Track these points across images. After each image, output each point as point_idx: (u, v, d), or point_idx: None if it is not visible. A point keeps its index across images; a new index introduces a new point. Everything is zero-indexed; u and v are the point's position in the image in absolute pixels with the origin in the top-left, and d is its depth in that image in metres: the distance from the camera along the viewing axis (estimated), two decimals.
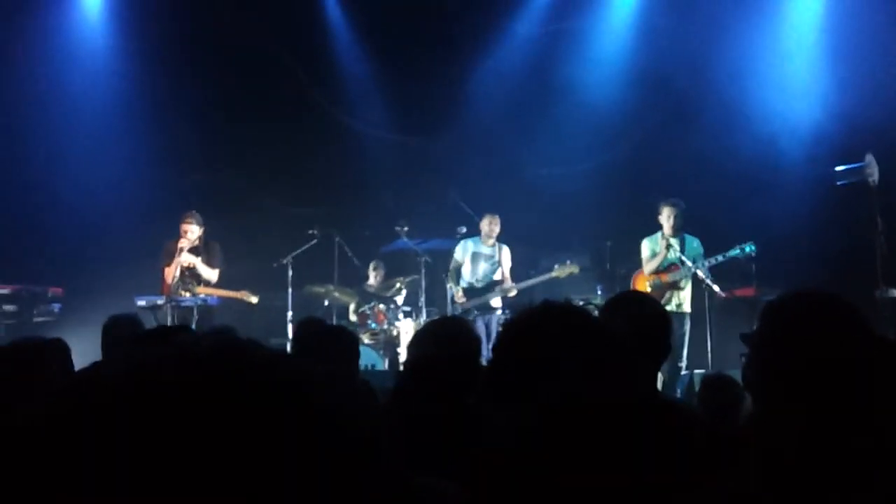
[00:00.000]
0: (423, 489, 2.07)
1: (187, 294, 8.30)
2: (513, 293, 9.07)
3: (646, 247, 8.42)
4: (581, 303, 7.26)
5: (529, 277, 9.23)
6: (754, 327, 3.18)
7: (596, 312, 1.69)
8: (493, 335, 8.47)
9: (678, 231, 8.24)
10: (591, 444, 1.54)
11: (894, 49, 8.82)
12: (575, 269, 8.89)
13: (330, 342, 3.73)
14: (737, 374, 4.01)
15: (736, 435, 2.68)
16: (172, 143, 10.18)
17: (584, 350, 1.62)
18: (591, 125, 10.18)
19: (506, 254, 9.26)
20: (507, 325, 1.76)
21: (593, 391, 1.57)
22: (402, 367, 6.71)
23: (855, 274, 7.53)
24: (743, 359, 3.57)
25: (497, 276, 9.17)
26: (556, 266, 8.94)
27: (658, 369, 2.86)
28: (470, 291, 9.16)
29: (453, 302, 9.21)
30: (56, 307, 8.95)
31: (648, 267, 8.29)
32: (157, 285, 8.48)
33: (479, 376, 2.82)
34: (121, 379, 0.68)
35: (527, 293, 9.06)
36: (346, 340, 3.74)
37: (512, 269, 9.25)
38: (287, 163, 10.57)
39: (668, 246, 8.17)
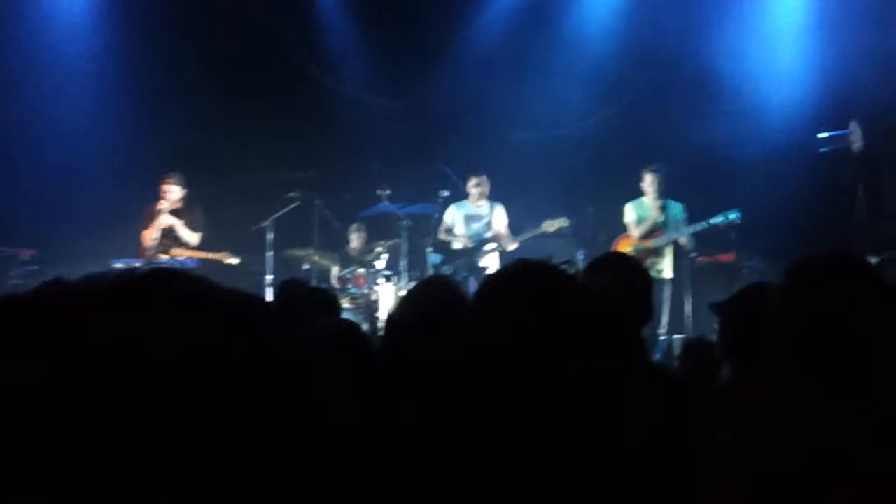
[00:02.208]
0: None
1: (164, 256, 8.21)
2: (512, 246, 9.03)
3: (630, 211, 8.41)
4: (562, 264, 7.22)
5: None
6: (730, 296, 3.17)
7: (574, 272, 1.66)
8: None
9: (661, 196, 8.24)
10: (563, 400, 1.51)
11: (880, 15, 8.79)
12: (565, 223, 8.84)
13: (311, 303, 3.70)
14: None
15: (719, 397, 2.68)
16: (151, 105, 10.02)
17: (559, 307, 1.59)
18: (575, 91, 10.11)
19: (499, 213, 9.23)
20: (483, 284, 1.72)
21: (568, 349, 1.54)
22: (381, 332, 6.68)
23: (835, 241, 7.55)
24: (716, 326, 3.56)
25: (488, 236, 9.17)
26: (545, 221, 8.90)
27: (641, 331, 2.84)
28: (461, 252, 9.15)
29: (435, 266, 9.18)
30: (33, 269, 8.84)
31: (639, 231, 8.28)
32: (136, 248, 8.40)
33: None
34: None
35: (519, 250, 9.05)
36: (326, 301, 3.71)
37: (508, 227, 9.22)
38: (268, 125, 10.44)
39: (662, 208, 8.17)
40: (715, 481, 1.66)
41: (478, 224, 9.20)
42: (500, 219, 9.23)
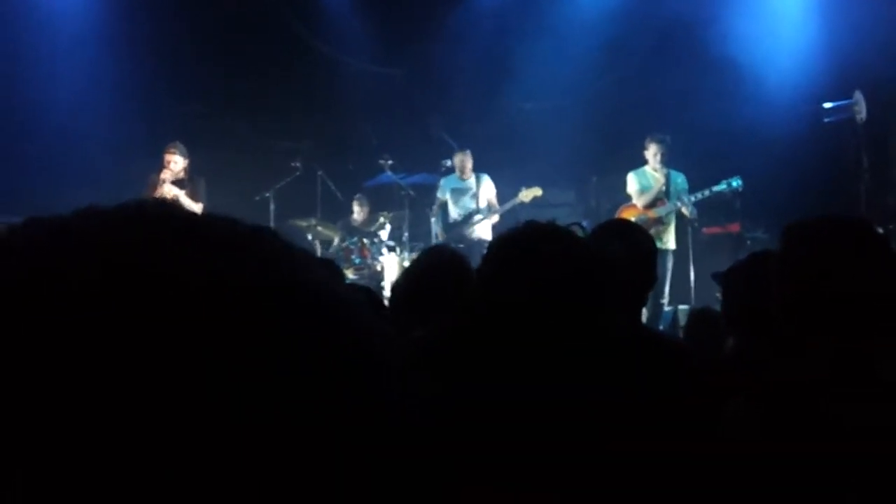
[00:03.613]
0: None
1: None
2: (495, 218, 9.10)
3: (632, 180, 8.38)
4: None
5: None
6: (731, 265, 3.15)
7: (580, 234, 1.66)
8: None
9: (664, 166, 8.23)
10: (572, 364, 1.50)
11: None
12: (538, 192, 8.96)
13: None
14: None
15: (725, 366, 2.68)
16: (153, 77, 9.98)
17: (569, 269, 1.58)
18: (578, 60, 10.04)
19: (486, 184, 9.25)
20: (493, 245, 1.72)
21: (574, 311, 1.53)
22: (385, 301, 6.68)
23: (841, 211, 7.53)
24: (719, 297, 3.55)
25: (475, 207, 9.21)
26: (522, 189, 8.95)
27: (645, 299, 2.83)
28: (451, 226, 9.21)
29: (437, 238, 9.22)
30: None
31: (642, 200, 8.25)
32: None
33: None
34: None
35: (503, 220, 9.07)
36: (332, 272, 3.70)
37: (498, 196, 9.25)
38: (270, 95, 10.40)
39: (666, 177, 8.16)
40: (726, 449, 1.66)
41: (465, 197, 9.24)
42: (488, 189, 9.25)
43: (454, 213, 9.26)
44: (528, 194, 8.94)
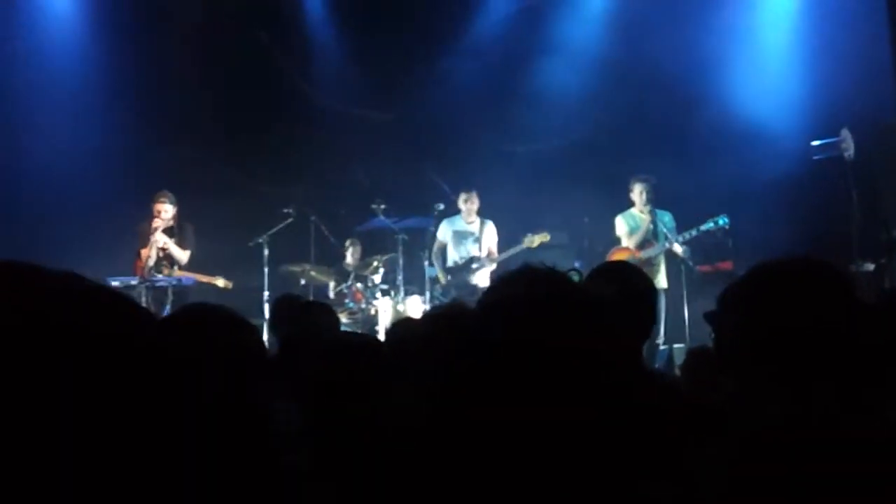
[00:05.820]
0: None
1: (161, 274, 8.23)
2: (492, 266, 9.07)
3: (621, 223, 8.42)
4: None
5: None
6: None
7: (576, 279, 1.66)
8: None
9: (650, 206, 8.26)
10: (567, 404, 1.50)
11: (871, 23, 8.83)
12: (546, 237, 8.89)
13: (307, 317, 3.69)
14: None
15: (719, 406, 2.66)
16: (145, 124, 10.02)
17: (566, 314, 1.57)
18: (569, 102, 10.11)
19: (489, 230, 9.23)
20: (488, 290, 1.71)
21: (573, 356, 1.53)
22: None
23: (831, 248, 7.56)
24: (712, 336, 3.54)
25: (477, 254, 9.17)
26: (527, 235, 8.93)
27: (643, 342, 2.82)
28: (451, 271, 9.17)
29: (434, 282, 9.19)
30: None
31: (632, 241, 8.29)
32: (131, 266, 8.40)
33: None
34: None
35: (505, 267, 9.04)
36: (323, 314, 3.69)
37: (498, 245, 9.23)
38: (262, 141, 10.44)
39: (652, 212, 8.19)
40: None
41: (468, 241, 9.21)
42: (490, 236, 9.23)
43: (454, 256, 9.22)
44: (534, 240, 8.88)
